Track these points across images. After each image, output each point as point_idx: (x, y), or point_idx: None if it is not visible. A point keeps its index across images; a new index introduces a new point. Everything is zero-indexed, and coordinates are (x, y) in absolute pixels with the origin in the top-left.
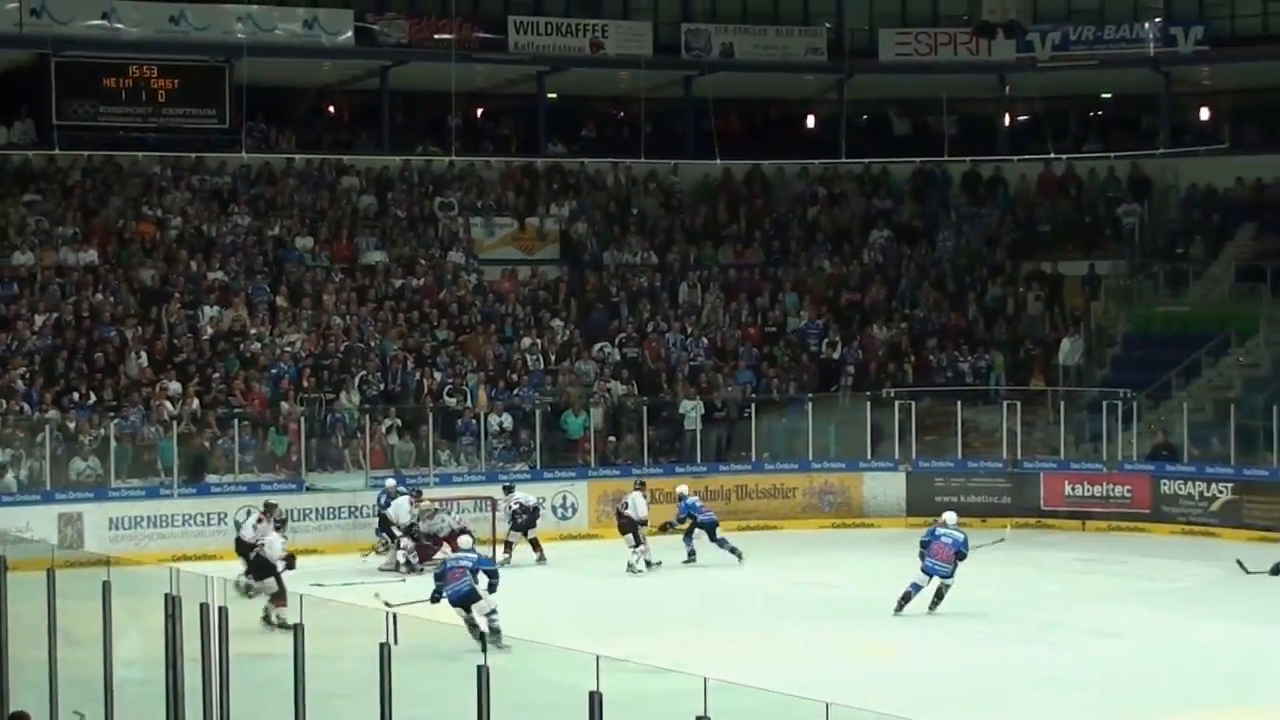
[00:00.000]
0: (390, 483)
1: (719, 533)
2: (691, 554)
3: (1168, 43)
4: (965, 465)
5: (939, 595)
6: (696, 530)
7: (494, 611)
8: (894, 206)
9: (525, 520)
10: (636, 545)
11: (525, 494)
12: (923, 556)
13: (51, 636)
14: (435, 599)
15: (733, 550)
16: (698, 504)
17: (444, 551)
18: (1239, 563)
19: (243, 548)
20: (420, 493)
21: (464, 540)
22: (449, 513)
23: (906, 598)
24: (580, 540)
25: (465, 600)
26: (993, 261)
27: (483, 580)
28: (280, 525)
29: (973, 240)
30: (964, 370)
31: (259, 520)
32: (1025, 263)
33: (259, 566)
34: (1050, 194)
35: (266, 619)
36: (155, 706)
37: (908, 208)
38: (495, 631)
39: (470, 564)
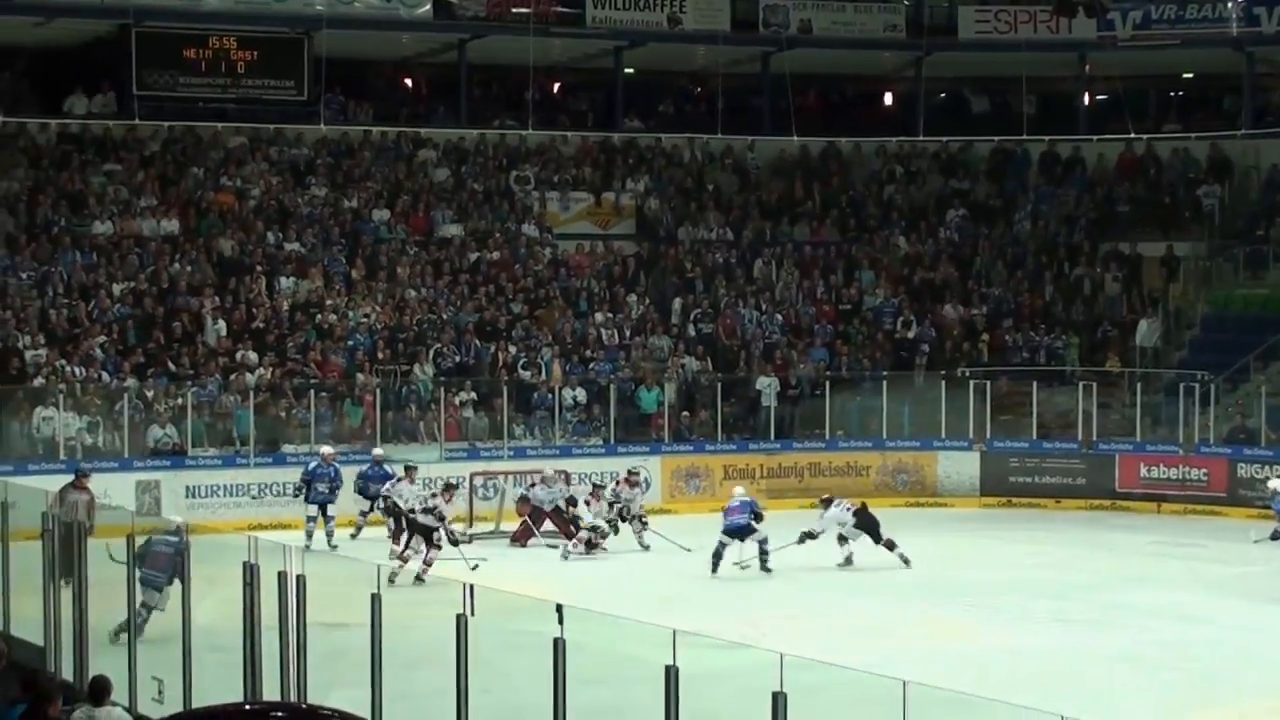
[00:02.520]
0: (378, 451)
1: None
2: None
3: (1250, 22)
4: (1040, 446)
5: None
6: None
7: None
8: (971, 185)
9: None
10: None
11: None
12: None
13: (131, 602)
14: None
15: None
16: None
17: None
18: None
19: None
20: (415, 469)
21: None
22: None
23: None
24: (653, 515)
25: (740, 532)
26: (1070, 242)
27: None
28: (450, 489)
29: (1050, 220)
30: (1040, 351)
31: (398, 480)
32: (1103, 243)
33: (418, 528)
34: (1129, 174)
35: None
36: (233, 673)
37: (985, 187)
38: (765, 554)
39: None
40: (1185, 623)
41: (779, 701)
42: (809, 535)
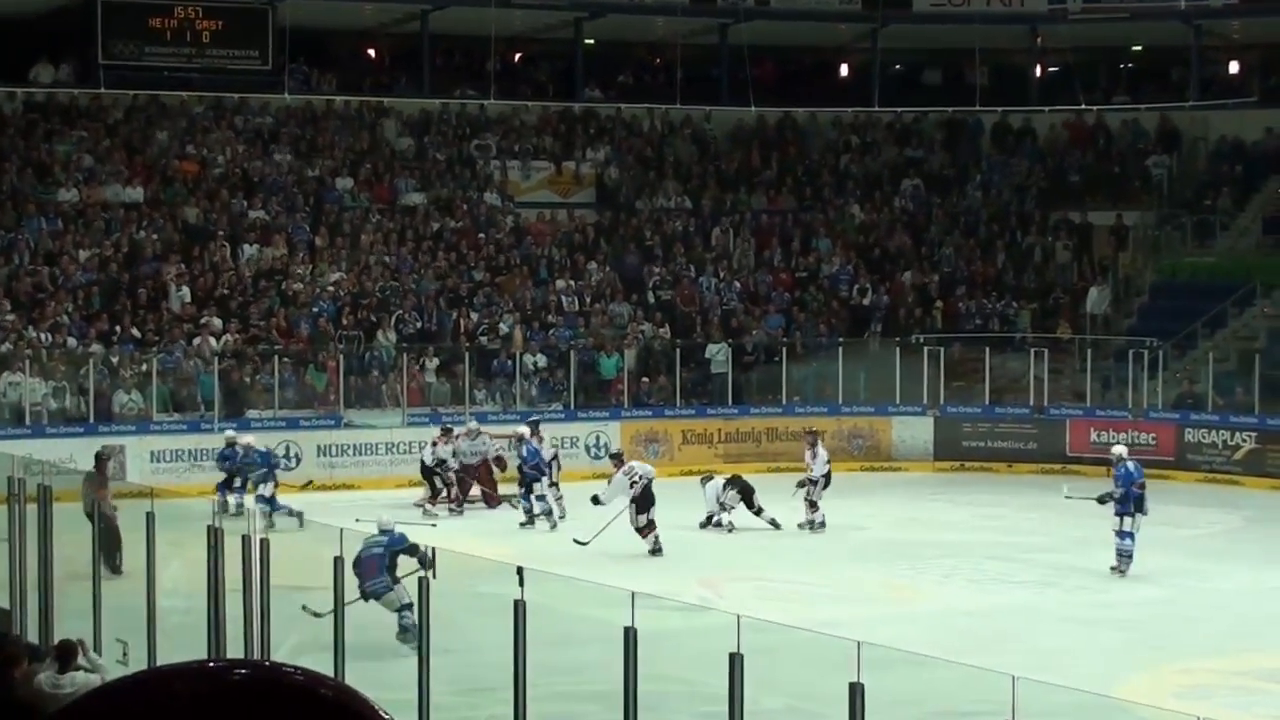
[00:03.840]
0: (229, 434)
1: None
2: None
3: None
4: (993, 411)
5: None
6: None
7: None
8: (925, 155)
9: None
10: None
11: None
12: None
13: (95, 566)
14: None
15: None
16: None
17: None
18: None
19: (425, 471)
20: (450, 429)
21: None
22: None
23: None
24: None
25: None
26: (1022, 210)
27: None
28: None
29: (1002, 189)
30: (992, 317)
31: (434, 443)
32: (1054, 212)
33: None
34: (1080, 145)
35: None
36: (197, 635)
37: (938, 157)
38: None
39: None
40: (1133, 584)
41: (736, 662)
42: (711, 520)
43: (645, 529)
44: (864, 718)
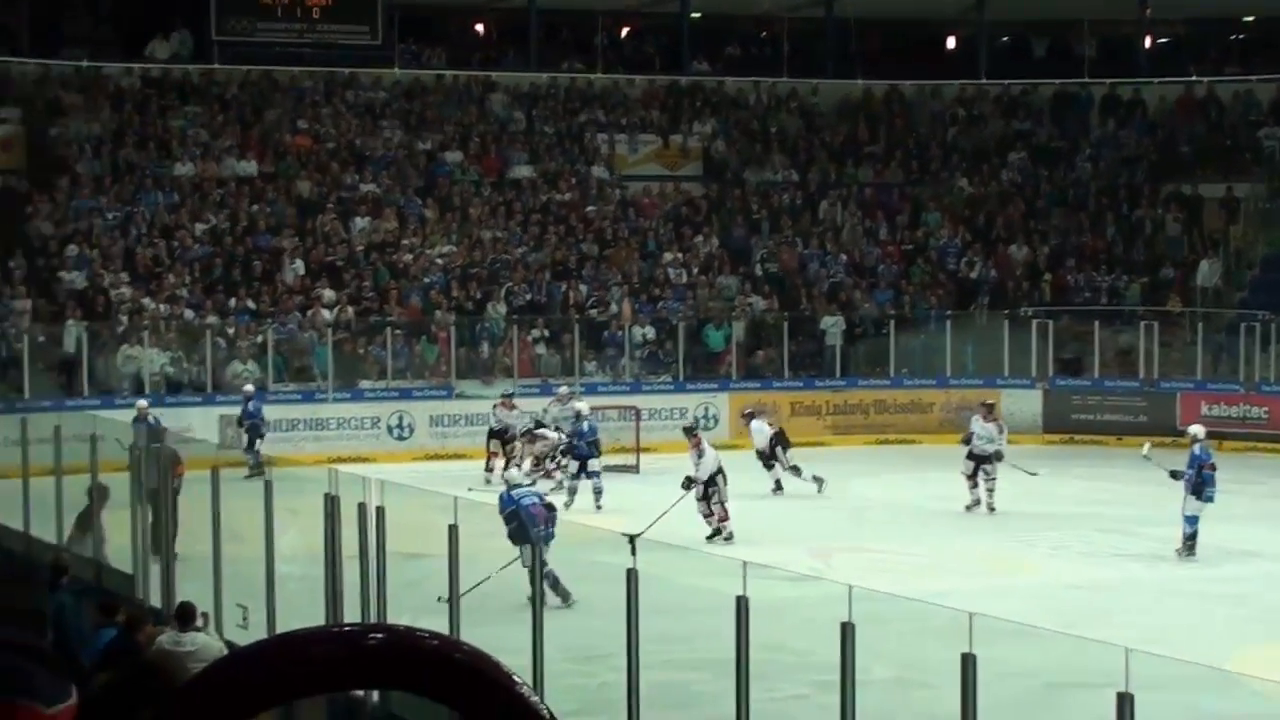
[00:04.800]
0: (248, 389)
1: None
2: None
3: None
4: (1102, 384)
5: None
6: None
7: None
8: (1033, 128)
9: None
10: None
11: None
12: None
13: (216, 533)
14: None
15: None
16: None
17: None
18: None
19: (494, 434)
20: (511, 395)
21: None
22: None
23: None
24: (720, 450)
25: None
26: (1132, 183)
27: None
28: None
29: (1111, 162)
30: (1102, 291)
31: (496, 406)
32: (1164, 185)
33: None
34: (1190, 117)
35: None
36: (314, 601)
37: (1046, 129)
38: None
39: None
40: (1244, 558)
41: (847, 632)
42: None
43: (711, 513)
44: (976, 689)
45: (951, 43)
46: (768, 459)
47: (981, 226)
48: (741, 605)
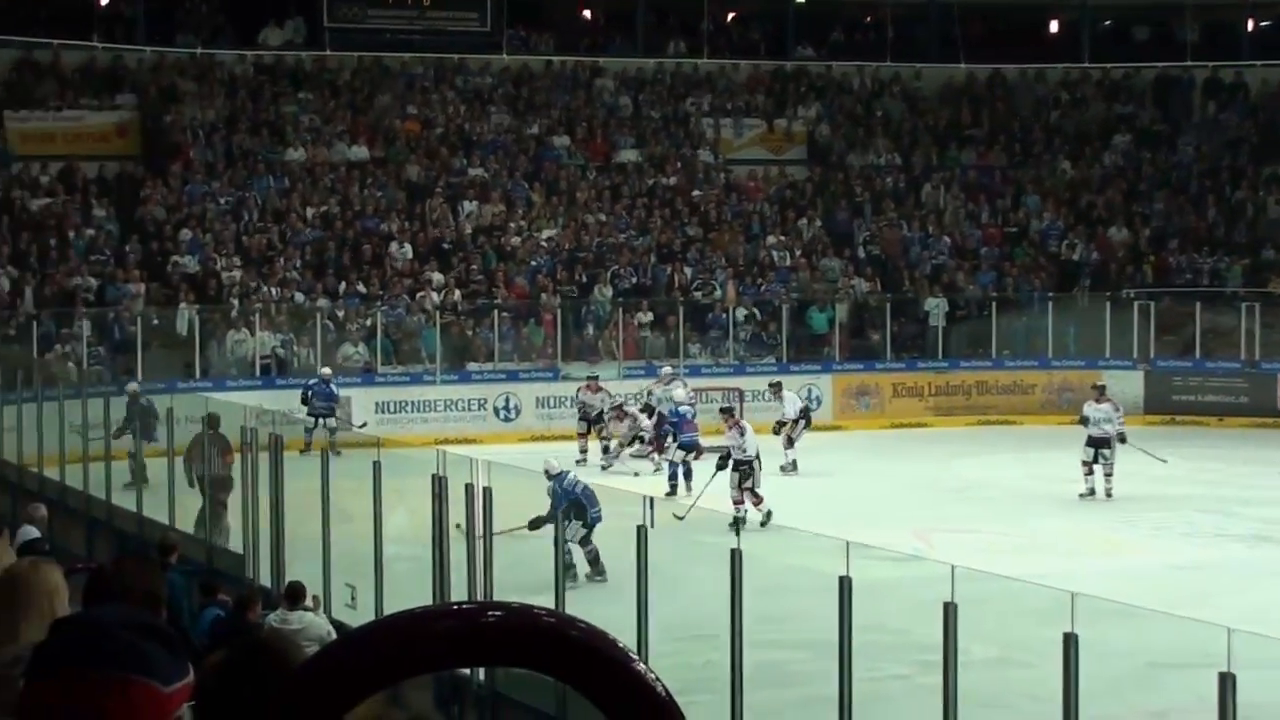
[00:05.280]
0: (325, 370)
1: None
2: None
3: None
4: (1203, 365)
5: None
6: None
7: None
8: (1135, 111)
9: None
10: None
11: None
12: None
13: (325, 513)
14: None
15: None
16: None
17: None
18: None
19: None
20: (596, 378)
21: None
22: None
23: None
24: (824, 432)
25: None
26: (1234, 165)
27: None
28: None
29: (1214, 145)
30: (1203, 273)
31: (581, 389)
32: (1266, 167)
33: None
34: None
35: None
36: (422, 581)
37: (1149, 112)
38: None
39: None
40: None
41: (950, 611)
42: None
43: (741, 499)
44: (1078, 669)
45: (1054, 26)
46: (789, 434)
47: (1083, 209)
48: (844, 585)
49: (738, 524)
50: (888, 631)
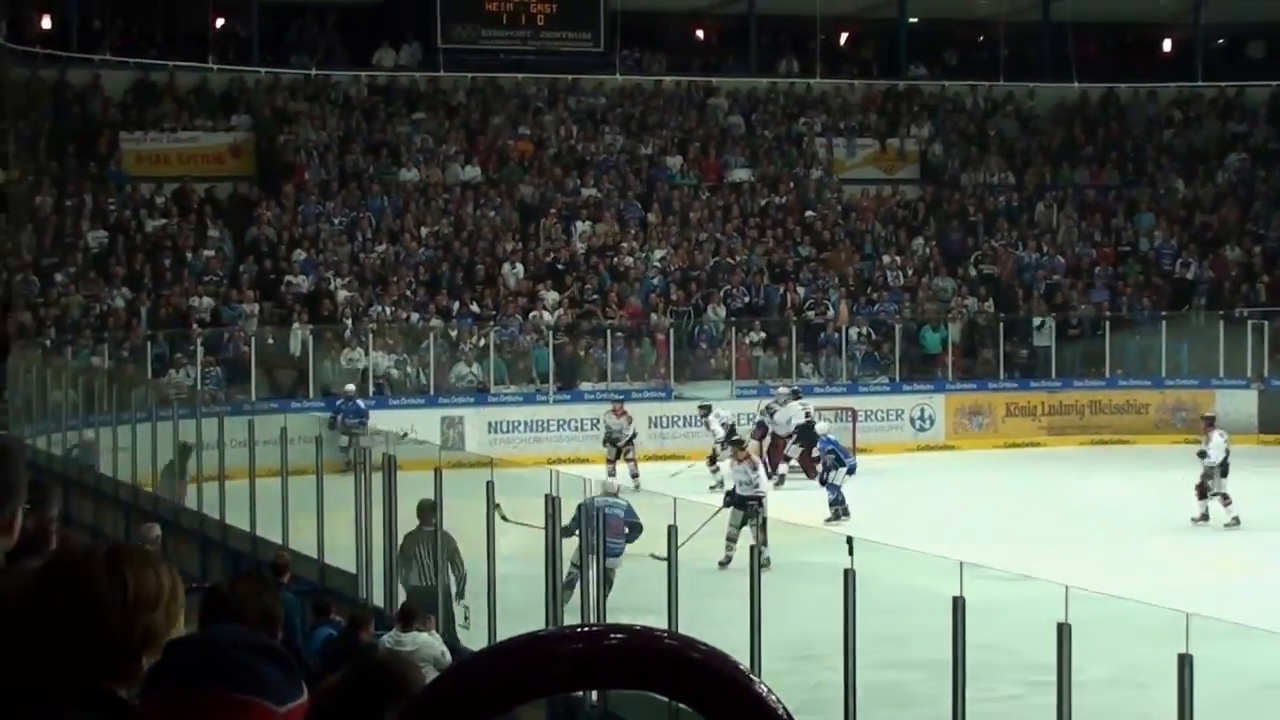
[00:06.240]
0: (349, 387)
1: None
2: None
3: None
4: None
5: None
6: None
7: None
8: (1249, 130)
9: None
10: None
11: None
12: None
13: (437, 533)
14: None
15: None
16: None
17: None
18: None
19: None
20: (622, 401)
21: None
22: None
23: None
24: (936, 451)
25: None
26: None
27: None
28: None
29: None
30: None
31: (606, 413)
32: None
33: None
34: None
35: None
36: (535, 601)
37: (1263, 131)
38: None
39: None
40: None
41: (1064, 632)
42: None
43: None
44: (1192, 690)
45: (1167, 45)
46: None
47: (1196, 228)
48: (958, 605)
49: (728, 562)
50: (1000, 651)
